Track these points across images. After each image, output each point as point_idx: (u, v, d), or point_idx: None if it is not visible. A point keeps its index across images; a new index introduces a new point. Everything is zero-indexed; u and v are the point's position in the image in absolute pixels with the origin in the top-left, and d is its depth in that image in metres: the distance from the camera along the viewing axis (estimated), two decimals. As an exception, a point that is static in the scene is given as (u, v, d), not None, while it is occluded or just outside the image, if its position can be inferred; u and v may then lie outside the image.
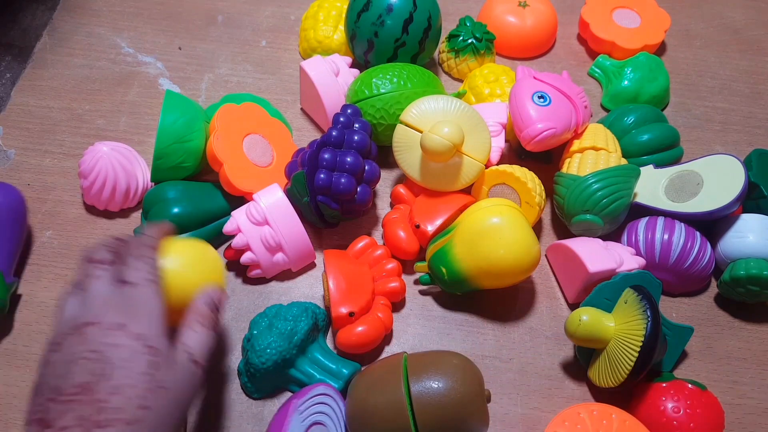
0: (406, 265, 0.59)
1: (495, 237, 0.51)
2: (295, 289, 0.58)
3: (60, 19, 0.77)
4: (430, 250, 0.56)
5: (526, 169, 0.59)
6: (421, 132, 0.57)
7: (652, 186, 0.59)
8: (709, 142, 0.71)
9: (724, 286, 0.57)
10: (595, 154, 0.59)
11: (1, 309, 0.52)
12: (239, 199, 0.59)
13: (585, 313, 0.50)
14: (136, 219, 0.61)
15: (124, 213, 0.61)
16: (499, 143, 0.63)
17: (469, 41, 0.71)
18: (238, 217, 0.56)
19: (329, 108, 0.64)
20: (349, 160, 0.55)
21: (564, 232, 0.62)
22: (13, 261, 0.55)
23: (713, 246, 0.58)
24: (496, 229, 0.51)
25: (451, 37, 0.73)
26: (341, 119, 0.57)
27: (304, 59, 0.73)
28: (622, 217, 0.58)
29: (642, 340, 0.46)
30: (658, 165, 0.61)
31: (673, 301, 0.59)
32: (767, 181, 0.59)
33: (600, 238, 0.58)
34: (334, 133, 0.56)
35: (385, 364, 0.48)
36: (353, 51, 0.69)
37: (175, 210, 0.56)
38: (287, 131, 0.65)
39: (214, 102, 0.68)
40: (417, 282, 0.59)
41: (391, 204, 0.64)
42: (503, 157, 0.65)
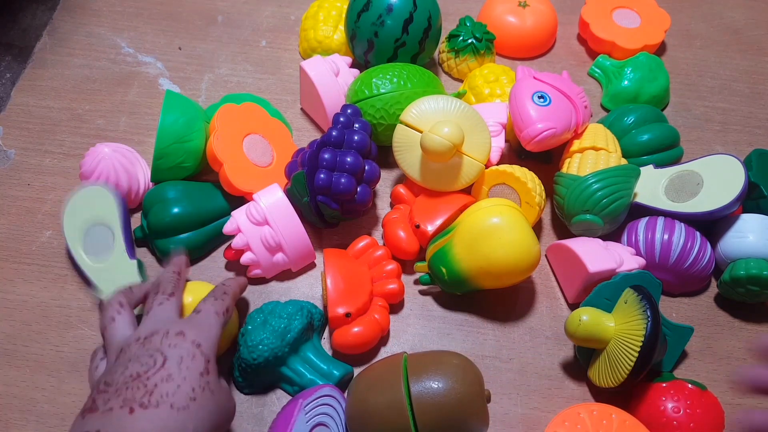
0: (405, 265, 0.59)
1: (495, 237, 0.51)
2: (294, 289, 0.58)
3: (60, 19, 0.77)
4: (430, 250, 0.56)
5: (526, 169, 0.59)
6: (421, 132, 0.57)
7: (652, 186, 0.59)
8: (709, 142, 0.71)
9: (724, 286, 0.57)
10: (595, 154, 0.59)
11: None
12: (239, 199, 0.59)
13: (585, 313, 0.50)
14: (137, 219, 0.61)
15: (124, 213, 0.61)
16: (499, 143, 0.63)
17: (469, 41, 0.71)
18: (238, 217, 0.56)
19: (329, 108, 0.64)
20: (349, 160, 0.55)
21: (564, 232, 0.62)
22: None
23: (713, 246, 0.58)
24: (496, 229, 0.51)
25: (451, 37, 0.73)
26: (341, 119, 0.57)
27: (304, 59, 0.73)
28: (622, 217, 0.58)
29: (642, 340, 0.46)
30: (658, 165, 0.61)
31: (673, 301, 0.59)
32: (767, 181, 0.59)
33: (600, 238, 0.58)
34: (334, 133, 0.56)
35: (385, 364, 0.48)
36: (353, 51, 0.69)
37: (175, 210, 0.56)
38: (287, 131, 0.65)
39: (214, 102, 0.68)
40: (417, 282, 0.59)
41: (391, 204, 0.64)
42: (503, 157, 0.65)
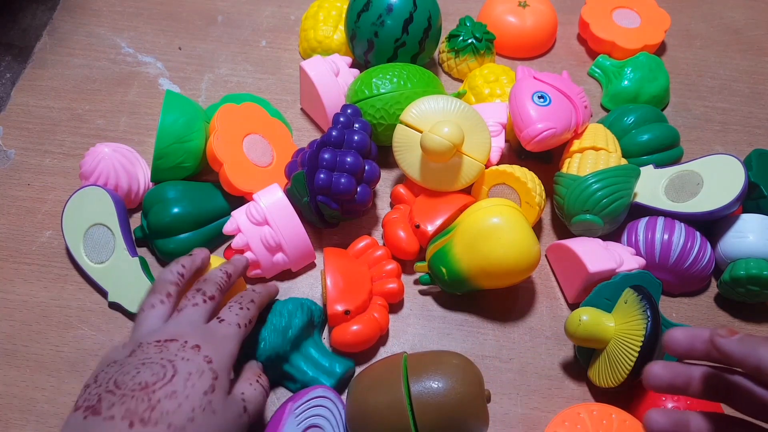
0: (405, 266, 0.59)
1: (495, 237, 0.51)
2: (294, 289, 0.58)
3: (60, 19, 0.77)
4: (430, 250, 0.56)
5: (526, 169, 0.59)
6: (421, 132, 0.57)
7: (652, 186, 0.59)
8: (709, 142, 0.71)
9: (724, 286, 0.57)
10: (595, 154, 0.59)
11: None
12: (239, 199, 0.59)
13: (585, 313, 0.50)
14: (137, 219, 0.61)
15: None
16: (499, 143, 0.63)
17: (469, 41, 0.71)
18: (238, 217, 0.56)
19: (329, 108, 0.64)
20: (349, 160, 0.55)
21: (564, 232, 0.62)
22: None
23: (713, 246, 0.58)
24: (496, 229, 0.51)
25: (451, 37, 0.73)
26: (341, 119, 0.57)
27: (304, 59, 0.73)
28: (622, 217, 0.58)
29: (642, 340, 0.46)
30: (658, 165, 0.61)
31: (673, 301, 0.59)
32: (767, 181, 0.59)
33: (600, 238, 0.58)
34: (334, 133, 0.56)
35: (385, 364, 0.48)
36: (353, 51, 0.69)
37: (175, 210, 0.56)
38: (287, 131, 0.65)
39: (214, 102, 0.69)
40: (417, 282, 0.59)
41: (391, 204, 0.64)
42: (503, 157, 0.65)
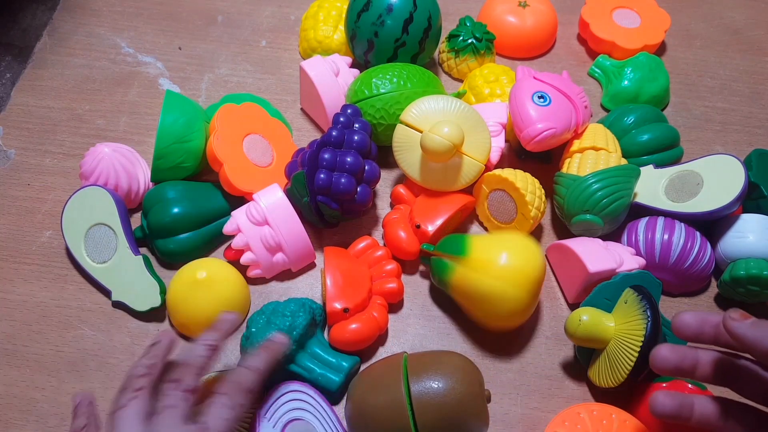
0: (405, 266, 0.59)
1: (493, 303, 0.51)
2: (294, 289, 0.58)
3: (60, 19, 0.77)
4: (436, 251, 0.55)
5: (530, 178, 0.58)
6: (421, 132, 0.57)
7: (652, 186, 0.59)
8: (709, 142, 0.71)
9: (724, 286, 0.57)
10: (595, 154, 0.59)
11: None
12: (239, 199, 0.59)
13: (585, 313, 0.50)
14: (137, 219, 0.61)
15: (124, 213, 0.61)
16: (499, 143, 0.63)
17: (469, 41, 0.71)
18: (238, 217, 0.56)
19: (329, 108, 0.64)
20: (349, 160, 0.55)
21: (564, 232, 0.62)
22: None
23: (713, 246, 0.58)
24: (496, 299, 0.50)
25: (451, 37, 0.73)
26: (341, 119, 0.57)
27: (304, 59, 0.73)
28: (622, 217, 0.58)
29: (642, 340, 0.46)
30: (658, 165, 0.61)
31: (673, 301, 0.59)
32: (767, 181, 0.59)
33: (600, 238, 0.58)
34: (334, 133, 0.56)
35: (385, 364, 0.48)
36: (353, 51, 0.69)
37: (175, 210, 0.56)
38: (287, 131, 0.65)
39: (214, 102, 0.68)
40: (423, 275, 0.59)
41: (391, 204, 0.64)
42: (503, 157, 0.65)
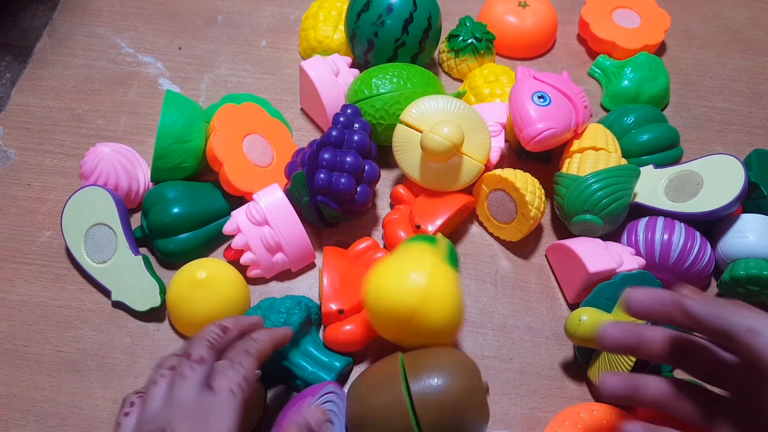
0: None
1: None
2: (294, 289, 0.58)
3: (60, 19, 0.77)
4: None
5: (529, 177, 0.58)
6: (421, 132, 0.57)
7: (652, 186, 0.59)
8: (709, 142, 0.71)
9: (724, 286, 0.57)
10: (595, 154, 0.59)
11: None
12: (239, 199, 0.59)
13: (585, 313, 0.50)
14: (137, 219, 0.61)
15: (124, 213, 0.61)
16: (499, 143, 0.63)
17: (469, 41, 0.71)
18: (238, 217, 0.56)
19: (329, 108, 0.64)
20: (348, 160, 0.55)
21: (564, 232, 0.62)
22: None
23: (713, 246, 0.58)
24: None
25: (451, 37, 0.73)
26: (341, 119, 0.57)
27: (304, 59, 0.73)
28: (622, 217, 0.58)
29: (642, 340, 0.46)
30: (658, 165, 0.61)
31: (673, 301, 0.59)
32: (767, 181, 0.59)
33: (600, 238, 0.58)
34: (334, 133, 0.56)
35: (382, 366, 0.48)
36: (353, 51, 0.69)
37: (175, 210, 0.56)
38: (287, 131, 0.65)
39: (214, 102, 0.68)
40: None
41: (391, 204, 0.64)
42: (503, 157, 0.65)
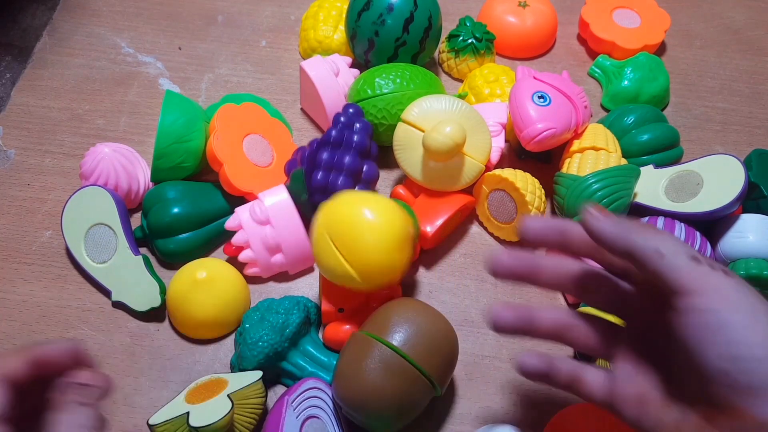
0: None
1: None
2: (295, 289, 0.58)
3: (60, 19, 0.77)
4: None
5: (530, 177, 0.58)
6: (422, 131, 0.57)
7: (652, 186, 0.59)
8: (709, 142, 0.71)
9: (724, 286, 0.57)
10: (595, 154, 0.59)
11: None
12: (239, 199, 0.59)
13: (584, 312, 0.50)
14: (137, 219, 0.61)
15: (124, 213, 0.61)
16: (499, 143, 0.63)
17: (469, 41, 0.71)
18: (242, 214, 0.56)
19: (329, 108, 0.64)
20: (346, 160, 0.55)
21: (564, 232, 0.62)
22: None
23: (713, 246, 0.58)
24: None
25: (451, 37, 0.73)
26: (342, 119, 0.57)
27: (304, 59, 0.73)
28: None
29: (642, 339, 0.46)
30: (658, 165, 0.61)
31: (673, 301, 0.59)
32: (767, 181, 0.59)
33: (600, 238, 0.58)
34: (333, 132, 0.56)
35: (352, 348, 0.47)
36: (353, 50, 0.69)
37: (175, 210, 0.56)
38: (287, 131, 0.65)
39: (214, 102, 0.68)
40: (421, 277, 0.59)
41: (391, 204, 0.64)
42: (503, 157, 0.65)
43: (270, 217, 0.55)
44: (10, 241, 0.60)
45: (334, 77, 0.64)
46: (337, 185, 0.54)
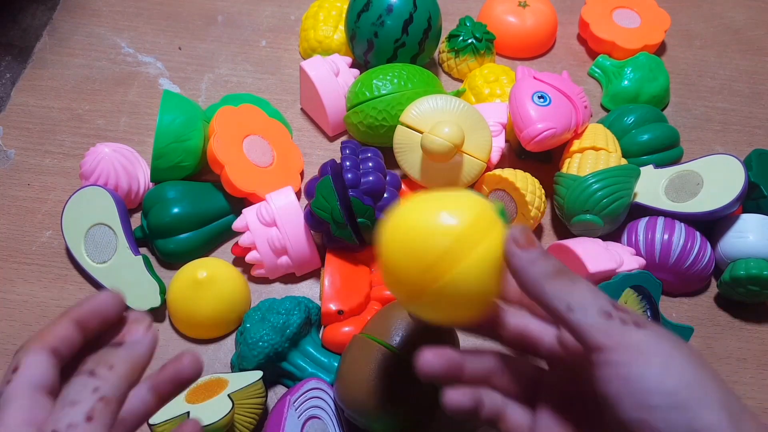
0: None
1: None
2: (296, 290, 0.58)
3: (60, 19, 0.77)
4: None
5: (530, 178, 0.58)
6: (421, 132, 0.57)
7: (652, 186, 0.59)
8: (709, 142, 0.71)
9: (724, 286, 0.57)
10: (595, 154, 0.59)
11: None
12: (239, 199, 0.59)
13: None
14: (137, 219, 0.61)
15: (125, 213, 0.61)
16: (499, 143, 0.63)
17: (469, 41, 0.71)
18: (249, 215, 0.56)
19: (329, 108, 0.64)
20: (370, 165, 0.54)
21: (564, 232, 0.62)
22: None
23: (713, 246, 0.58)
24: None
25: (451, 37, 0.73)
26: (347, 151, 0.56)
27: (304, 59, 0.73)
28: (622, 217, 0.58)
29: (642, 340, 0.46)
30: (658, 165, 0.61)
31: (673, 301, 0.59)
32: (767, 181, 0.59)
33: (600, 238, 0.58)
34: (347, 163, 0.54)
35: (352, 350, 0.47)
36: (353, 51, 0.69)
37: (175, 210, 0.56)
38: (286, 131, 0.65)
39: (214, 102, 0.68)
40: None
41: (391, 204, 0.64)
42: (503, 157, 0.65)
43: (276, 219, 0.55)
44: (10, 241, 0.60)
45: (334, 77, 0.64)
46: (369, 182, 0.53)
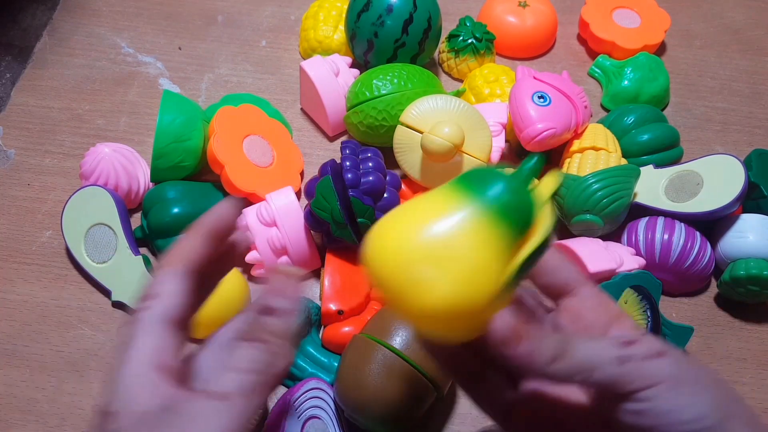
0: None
1: None
2: (295, 289, 0.58)
3: (60, 19, 0.77)
4: None
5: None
6: (421, 133, 0.57)
7: (652, 186, 0.59)
8: (709, 142, 0.71)
9: (724, 286, 0.57)
10: (595, 154, 0.59)
11: None
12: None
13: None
14: (137, 219, 0.61)
15: (125, 213, 0.61)
16: (499, 143, 0.63)
17: (469, 41, 0.71)
18: (248, 215, 0.56)
19: (329, 108, 0.64)
20: (370, 165, 0.54)
21: (564, 232, 0.62)
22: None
23: (713, 246, 0.58)
24: None
25: (451, 37, 0.73)
26: (347, 151, 0.56)
27: (304, 59, 0.73)
28: (622, 217, 0.58)
29: (642, 340, 0.46)
30: (658, 165, 0.61)
31: (673, 301, 0.59)
32: (767, 181, 0.59)
33: (600, 238, 0.58)
34: (347, 163, 0.54)
35: (355, 352, 0.47)
36: (353, 51, 0.69)
37: (175, 210, 0.56)
38: (286, 131, 0.65)
39: (214, 102, 0.68)
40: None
41: (391, 204, 0.64)
42: (503, 157, 0.65)
43: (276, 219, 0.55)
44: (10, 241, 0.60)
45: (334, 77, 0.64)
46: (369, 181, 0.53)
